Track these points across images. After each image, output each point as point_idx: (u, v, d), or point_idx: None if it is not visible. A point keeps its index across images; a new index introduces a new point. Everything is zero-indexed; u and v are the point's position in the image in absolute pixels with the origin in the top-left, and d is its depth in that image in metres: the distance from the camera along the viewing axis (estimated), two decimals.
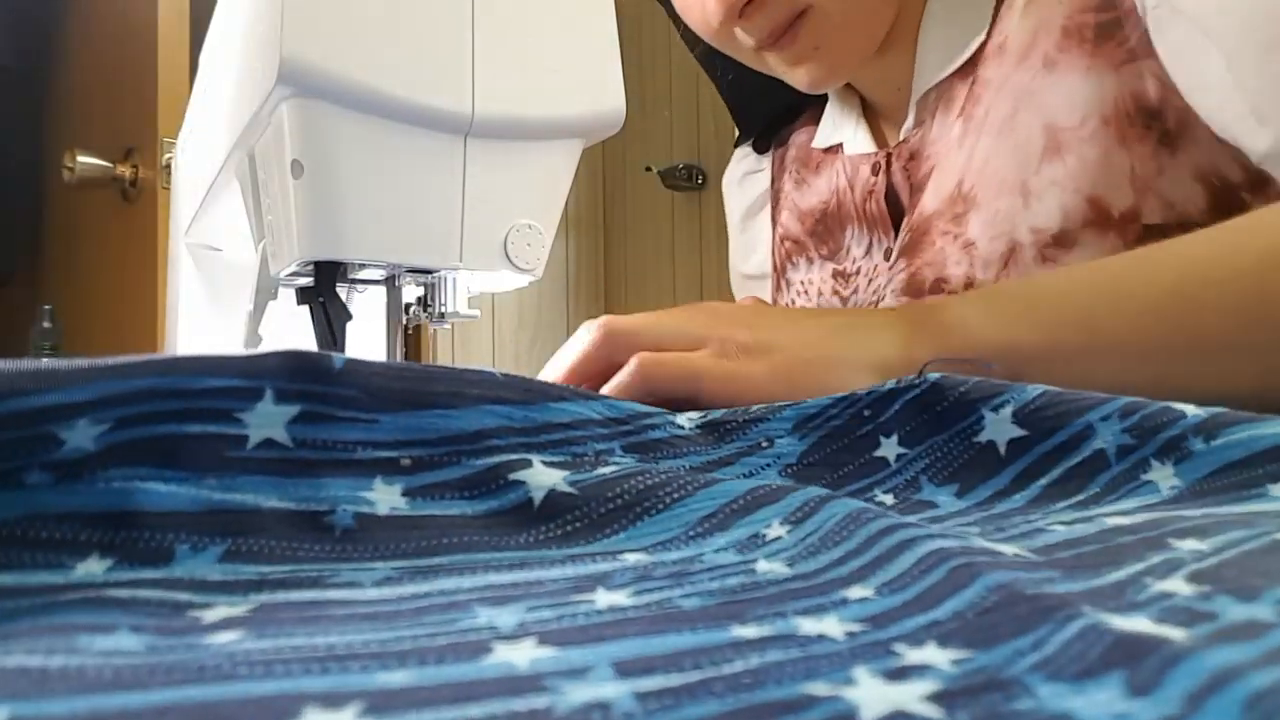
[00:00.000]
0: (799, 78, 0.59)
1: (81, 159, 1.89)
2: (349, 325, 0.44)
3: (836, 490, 0.25)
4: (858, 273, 0.66)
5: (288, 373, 0.20)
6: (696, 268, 2.29)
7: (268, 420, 0.19)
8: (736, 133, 0.82)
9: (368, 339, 0.67)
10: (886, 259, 0.62)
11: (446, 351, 2.36)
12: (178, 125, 0.77)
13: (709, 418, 0.28)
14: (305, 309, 0.44)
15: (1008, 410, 0.26)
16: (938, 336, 0.39)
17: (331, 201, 0.38)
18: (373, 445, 0.20)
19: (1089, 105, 0.50)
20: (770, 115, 0.76)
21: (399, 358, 0.47)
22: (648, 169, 2.34)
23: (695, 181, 2.27)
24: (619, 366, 0.42)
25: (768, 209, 0.78)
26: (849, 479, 0.26)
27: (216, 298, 0.72)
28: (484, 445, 0.22)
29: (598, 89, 0.42)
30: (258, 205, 0.44)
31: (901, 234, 0.60)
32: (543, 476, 0.21)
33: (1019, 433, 0.26)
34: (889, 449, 0.27)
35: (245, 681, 0.12)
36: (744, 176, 0.82)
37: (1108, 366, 0.37)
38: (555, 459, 0.22)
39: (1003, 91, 0.54)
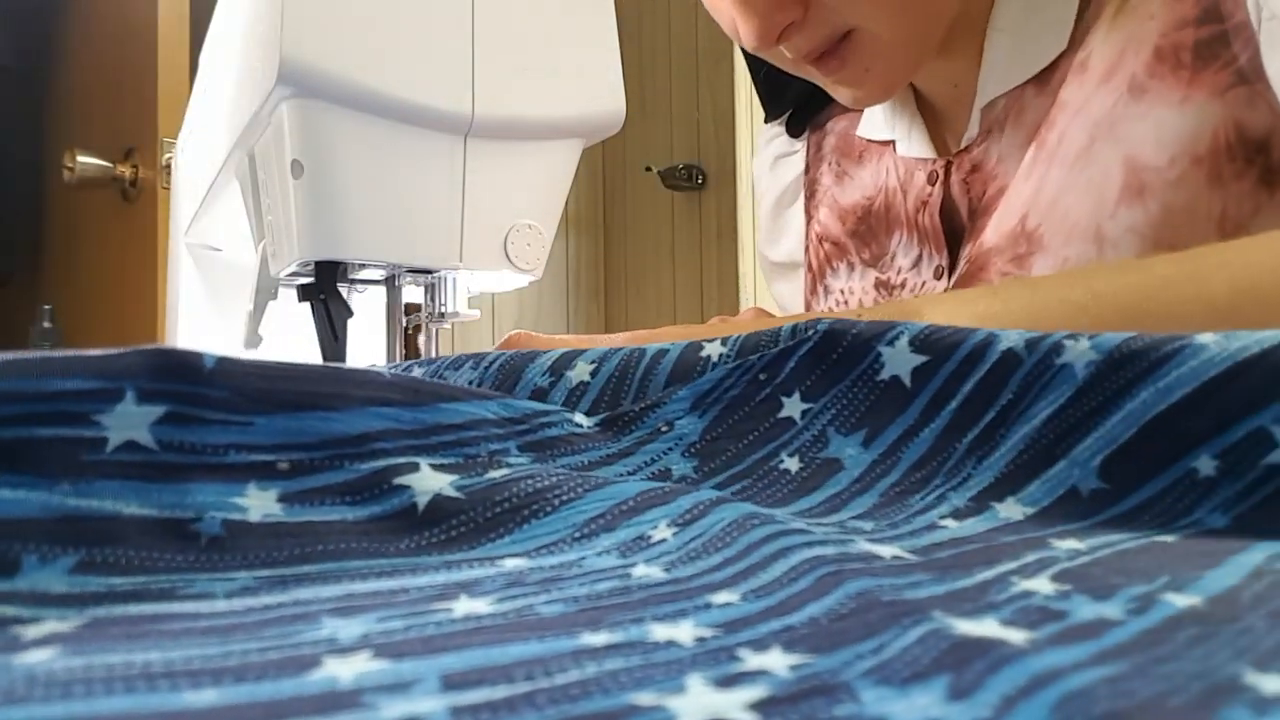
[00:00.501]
0: (844, 96, 0.54)
1: (81, 159, 1.90)
2: (349, 324, 0.44)
3: (742, 460, 0.25)
4: (903, 285, 0.60)
5: (150, 371, 0.19)
6: (696, 268, 2.29)
7: (128, 422, 0.18)
8: (761, 112, 0.74)
9: (368, 339, 0.67)
10: (937, 277, 0.57)
11: (446, 352, 2.36)
12: (178, 125, 0.77)
13: (606, 415, 0.27)
14: (306, 307, 0.44)
15: (904, 340, 0.25)
16: None
17: (331, 201, 0.38)
18: (247, 449, 0.19)
19: (1180, 143, 0.44)
20: (802, 96, 0.68)
21: (399, 358, 0.47)
22: (648, 169, 2.34)
23: (695, 181, 2.27)
24: None
25: (801, 198, 0.72)
26: (754, 446, 0.26)
27: (216, 298, 0.72)
28: (368, 449, 0.21)
29: (598, 89, 0.42)
30: (258, 205, 0.44)
31: (961, 261, 0.55)
32: (429, 481, 0.21)
33: (920, 359, 0.25)
34: (792, 408, 0.26)
35: (33, 705, 0.11)
36: (776, 160, 0.75)
37: None
38: (445, 461, 0.22)
39: (1080, 116, 0.48)
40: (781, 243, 0.76)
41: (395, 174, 0.39)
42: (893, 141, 0.62)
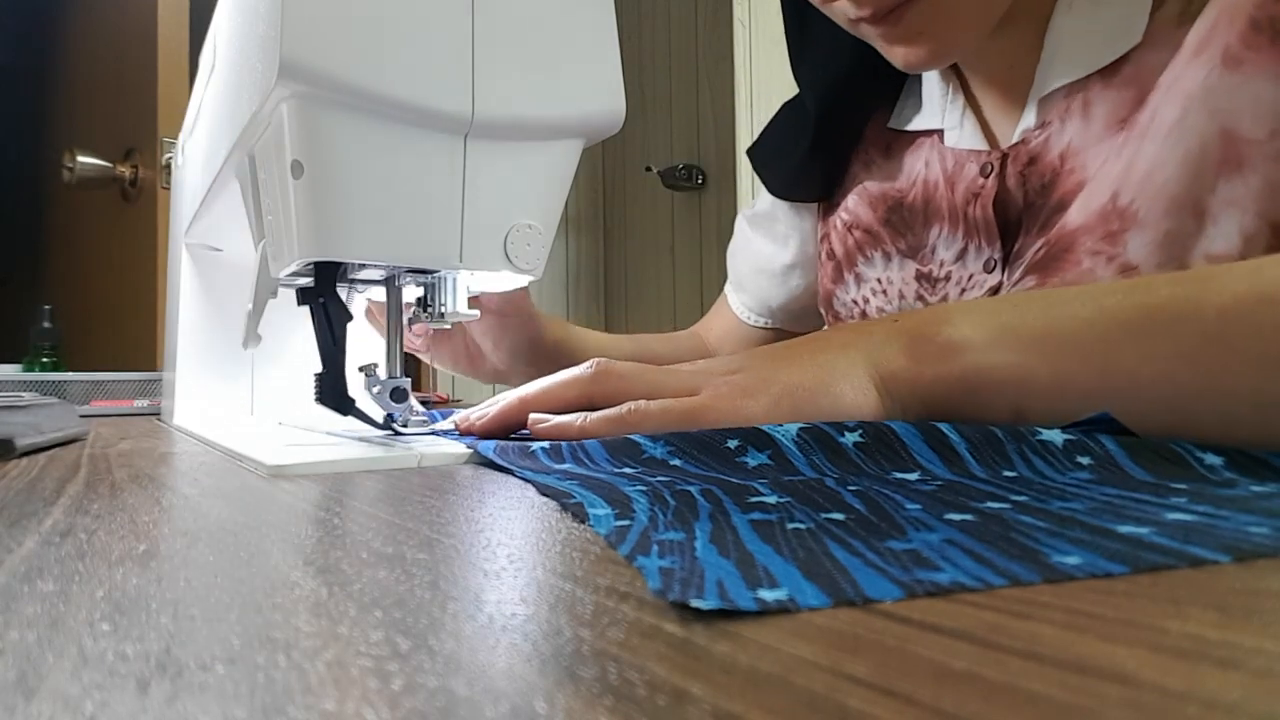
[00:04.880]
0: (896, 56, 0.53)
1: (81, 159, 1.90)
2: (349, 325, 0.44)
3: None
4: (947, 279, 0.59)
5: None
6: (696, 267, 2.29)
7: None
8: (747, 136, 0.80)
9: (368, 339, 0.67)
10: (988, 270, 0.56)
11: None
12: (178, 125, 0.77)
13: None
14: (304, 308, 0.44)
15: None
16: (940, 356, 0.37)
17: (331, 201, 0.38)
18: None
19: (1279, 115, 0.43)
20: (790, 171, 0.71)
21: (399, 358, 0.47)
22: (648, 169, 2.34)
23: (695, 181, 2.27)
24: (596, 404, 0.42)
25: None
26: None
27: (216, 298, 0.72)
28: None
29: (598, 89, 0.41)
30: (258, 205, 0.44)
31: (1022, 250, 0.54)
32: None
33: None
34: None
35: None
36: None
37: (1121, 408, 0.33)
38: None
39: (1171, 92, 0.47)
40: (759, 201, 0.78)
41: (395, 174, 0.39)
42: (933, 134, 0.62)
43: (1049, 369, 0.34)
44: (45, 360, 1.59)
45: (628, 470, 0.31)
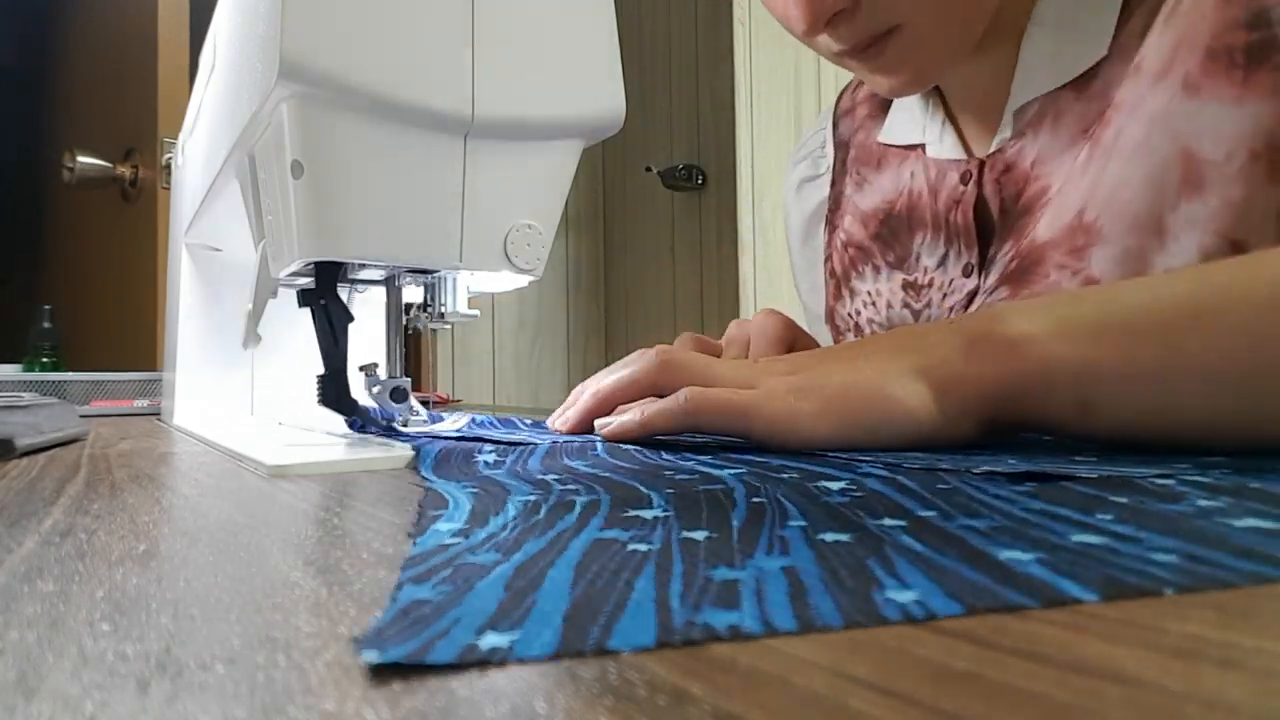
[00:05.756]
0: (880, 85, 0.55)
1: (81, 159, 1.90)
2: (350, 326, 0.44)
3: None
4: (930, 284, 0.61)
5: None
6: (696, 268, 2.29)
7: None
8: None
9: (368, 339, 0.67)
10: (966, 274, 0.58)
11: (446, 351, 2.36)
12: (178, 125, 0.77)
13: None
14: (304, 308, 0.44)
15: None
16: (1002, 354, 0.36)
17: (331, 201, 0.38)
18: None
19: (1237, 138, 0.45)
20: None
21: (399, 358, 0.47)
22: (648, 169, 2.34)
23: (695, 181, 2.27)
24: (661, 393, 0.43)
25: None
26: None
27: (216, 298, 0.72)
28: None
29: (598, 89, 0.41)
30: (258, 205, 0.44)
31: (997, 256, 0.55)
32: None
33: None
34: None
35: None
36: (801, 184, 0.77)
37: (1190, 391, 0.32)
38: None
39: (1136, 113, 0.49)
40: (813, 275, 0.77)
41: (395, 174, 0.39)
42: (918, 146, 0.64)
43: (1114, 358, 0.34)
44: (45, 360, 1.59)
45: (550, 478, 0.30)
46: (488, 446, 0.41)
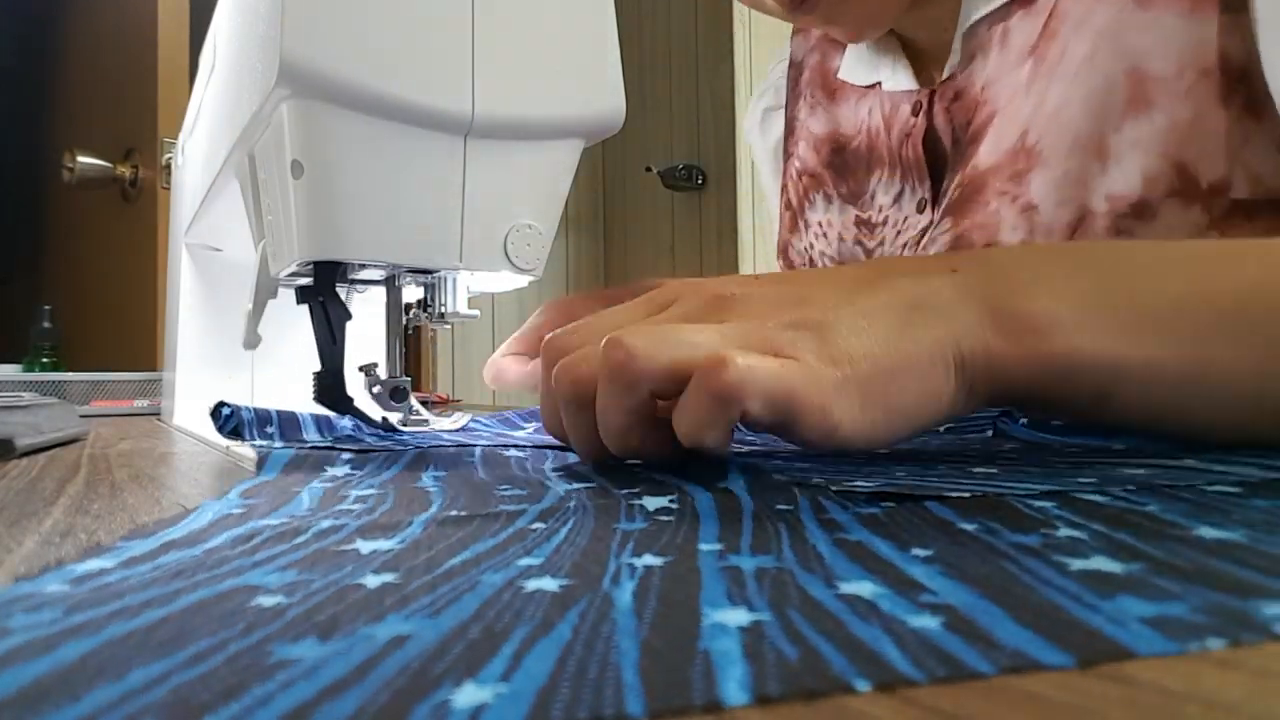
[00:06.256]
0: (836, 34, 0.57)
1: (81, 159, 1.90)
2: (349, 325, 0.44)
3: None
4: (884, 223, 0.59)
5: None
6: (697, 268, 2.29)
7: None
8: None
9: (368, 339, 0.67)
10: (919, 210, 0.56)
11: (446, 351, 2.36)
12: (178, 125, 0.77)
13: None
14: (304, 308, 0.44)
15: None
16: (1030, 337, 0.31)
17: (331, 201, 0.38)
18: None
19: (1188, 53, 0.43)
20: None
21: (399, 358, 0.47)
22: (648, 169, 2.34)
23: (695, 181, 2.27)
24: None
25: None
26: None
27: (216, 298, 0.72)
28: None
29: (598, 89, 0.41)
30: (258, 205, 0.44)
31: (949, 188, 0.53)
32: None
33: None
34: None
35: None
36: (765, 114, 0.75)
37: (1212, 397, 0.31)
38: None
39: (1083, 28, 0.46)
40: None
41: (395, 174, 0.39)
42: (879, 85, 0.62)
43: (1140, 359, 0.31)
44: (45, 360, 1.59)
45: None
46: (345, 455, 0.39)
